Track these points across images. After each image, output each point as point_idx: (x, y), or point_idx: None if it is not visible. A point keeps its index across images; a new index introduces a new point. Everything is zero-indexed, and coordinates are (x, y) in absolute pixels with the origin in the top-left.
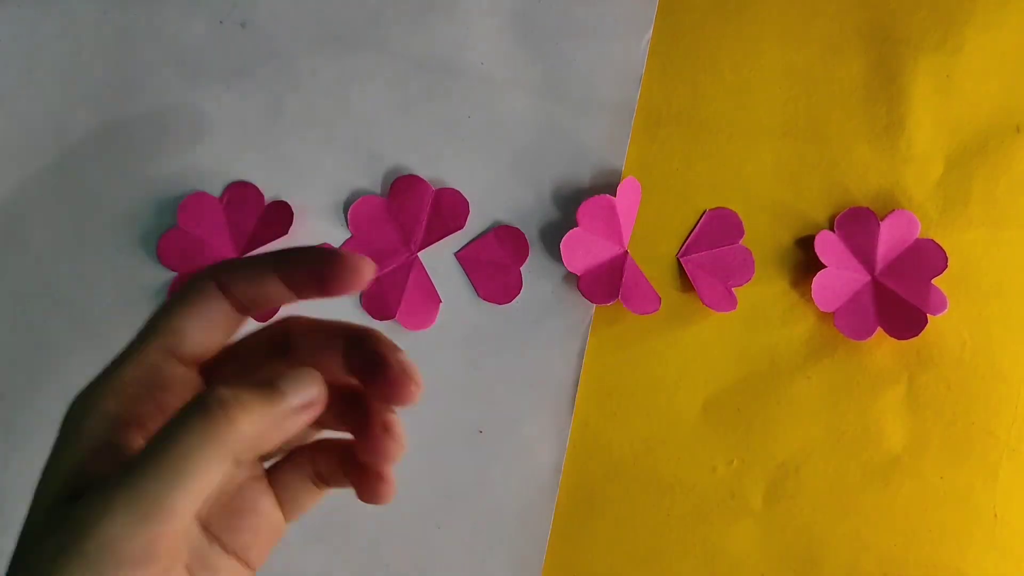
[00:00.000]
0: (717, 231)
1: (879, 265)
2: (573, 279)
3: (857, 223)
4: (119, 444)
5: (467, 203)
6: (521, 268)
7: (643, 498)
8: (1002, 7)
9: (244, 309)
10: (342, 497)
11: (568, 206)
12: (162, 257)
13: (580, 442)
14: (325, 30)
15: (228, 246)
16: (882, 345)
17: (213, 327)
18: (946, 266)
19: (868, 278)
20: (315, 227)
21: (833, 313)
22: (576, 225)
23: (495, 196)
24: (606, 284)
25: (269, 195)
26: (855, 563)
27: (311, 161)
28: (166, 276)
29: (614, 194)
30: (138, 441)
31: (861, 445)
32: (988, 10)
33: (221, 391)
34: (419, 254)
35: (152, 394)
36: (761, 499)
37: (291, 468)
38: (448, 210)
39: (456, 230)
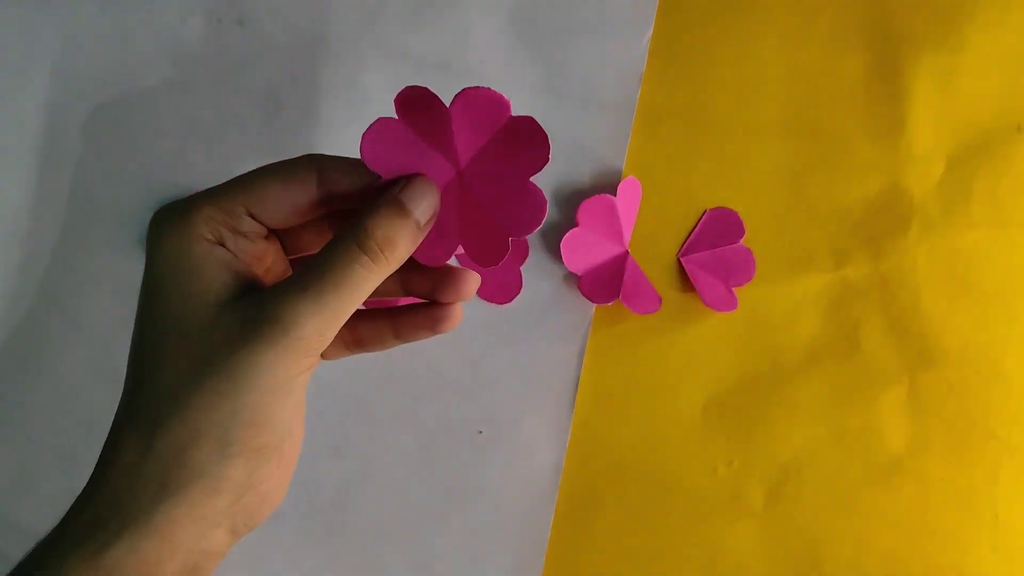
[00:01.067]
0: (718, 231)
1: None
2: (573, 279)
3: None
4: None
5: None
6: (521, 268)
7: (643, 498)
8: (1003, 7)
9: (327, 202)
10: (341, 498)
11: (568, 206)
12: None
13: (580, 442)
14: (324, 29)
15: None
16: (884, 345)
17: (293, 207)
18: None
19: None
20: None
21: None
22: (576, 225)
23: None
24: (607, 284)
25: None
26: (856, 564)
27: None
28: None
29: (614, 193)
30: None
31: (862, 445)
32: (989, 9)
33: (375, 231)
34: None
35: (228, 233)
36: (762, 500)
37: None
38: None
39: None
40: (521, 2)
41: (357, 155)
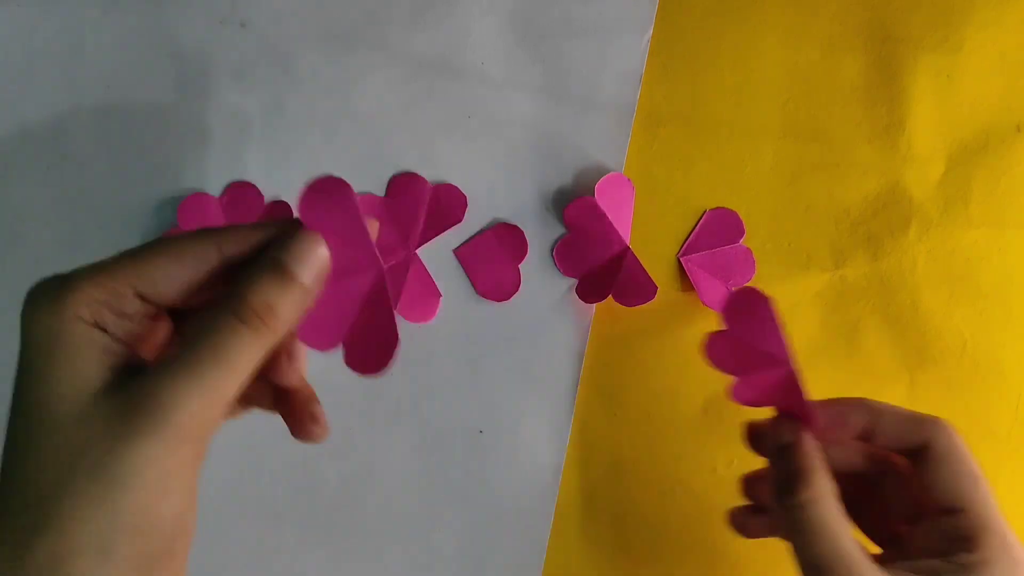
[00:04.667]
0: (717, 231)
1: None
2: (573, 279)
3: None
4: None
5: (464, 197)
6: (520, 266)
7: (643, 498)
8: (1002, 7)
9: (228, 278)
10: (342, 498)
11: (567, 205)
12: None
13: (580, 442)
14: (325, 30)
15: None
16: (883, 344)
17: (188, 285)
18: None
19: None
20: None
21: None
22: (567, 231)
23: (495, 196)
24: (601, 284)
25: (269, 195)
26: None
27: (311, 161)
28: None
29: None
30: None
31: None
32: (988, 9)
33: (252, 298)
34: (418, 251)
35: (111, 315)
36: None
37: None
38: (446, 205)
39: (454, 224)
40: (521, 2)
41: (357, 153)
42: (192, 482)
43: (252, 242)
